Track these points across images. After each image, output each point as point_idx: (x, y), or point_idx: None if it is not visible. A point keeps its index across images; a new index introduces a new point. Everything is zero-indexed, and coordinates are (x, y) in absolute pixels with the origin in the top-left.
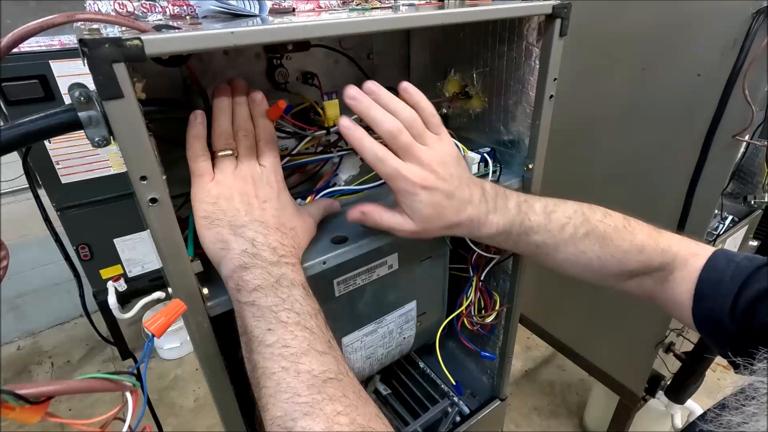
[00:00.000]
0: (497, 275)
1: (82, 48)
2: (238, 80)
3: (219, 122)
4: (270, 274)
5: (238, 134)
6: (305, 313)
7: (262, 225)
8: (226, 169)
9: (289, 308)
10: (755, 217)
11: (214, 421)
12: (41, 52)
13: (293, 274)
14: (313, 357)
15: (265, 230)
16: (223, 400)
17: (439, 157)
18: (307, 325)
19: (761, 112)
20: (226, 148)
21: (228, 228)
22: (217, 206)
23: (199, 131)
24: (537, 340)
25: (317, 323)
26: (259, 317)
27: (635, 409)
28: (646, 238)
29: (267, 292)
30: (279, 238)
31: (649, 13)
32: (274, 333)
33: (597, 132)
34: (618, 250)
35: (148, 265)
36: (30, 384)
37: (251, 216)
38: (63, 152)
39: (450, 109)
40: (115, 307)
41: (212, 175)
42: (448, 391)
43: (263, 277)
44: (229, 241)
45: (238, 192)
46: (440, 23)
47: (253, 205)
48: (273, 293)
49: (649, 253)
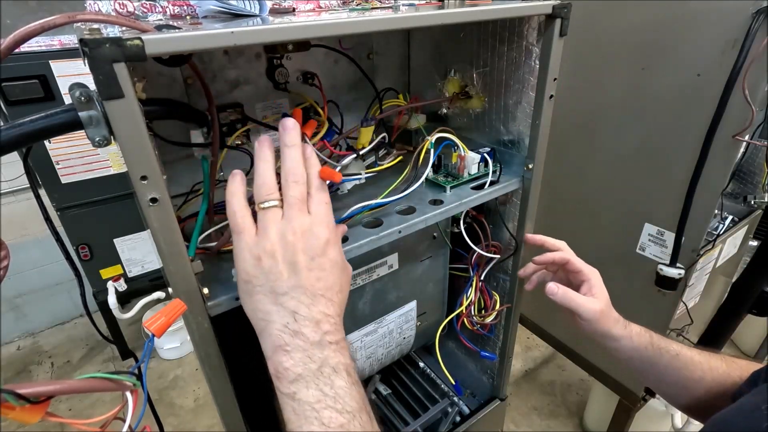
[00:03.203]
0: (497, 275)
1: (83, 48)
2: (288, 120)
3: (261, 171)
4: (311, 360)
5: (287, 181)
6: (349, 413)
7: (306, 293)
8: (270, 222)
9: (332, 406)
10: (755, 217)
11: (214, 421)
12: (41, 52)
13: (336, 357)
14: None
15: (309, 299)
16: (223, 400)
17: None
18: (351, 430)
19: (761, 112)
20: (269, 198)
21: (270, 296)
22: (259, 267)
23: (237, 187)
24: (537, 340)
25: (361, 423)
26: (299, 415)
27: (635, 409)
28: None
29: (308, 383)
30: (323, 308)
31: (649, 12)
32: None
33: (597, 132)
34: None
35: (148, 265)
36: (30, 384)
37: (295, 280)
38: (63, 152)
39: (450, 109)
40: (115, 306)
41: (254, 230)
42: (448, 391)
43: (304, 363)
44: (270, 312)
45: (282, 248)
46: (440, 23)
47: (298, 265)
48: (315, 385)
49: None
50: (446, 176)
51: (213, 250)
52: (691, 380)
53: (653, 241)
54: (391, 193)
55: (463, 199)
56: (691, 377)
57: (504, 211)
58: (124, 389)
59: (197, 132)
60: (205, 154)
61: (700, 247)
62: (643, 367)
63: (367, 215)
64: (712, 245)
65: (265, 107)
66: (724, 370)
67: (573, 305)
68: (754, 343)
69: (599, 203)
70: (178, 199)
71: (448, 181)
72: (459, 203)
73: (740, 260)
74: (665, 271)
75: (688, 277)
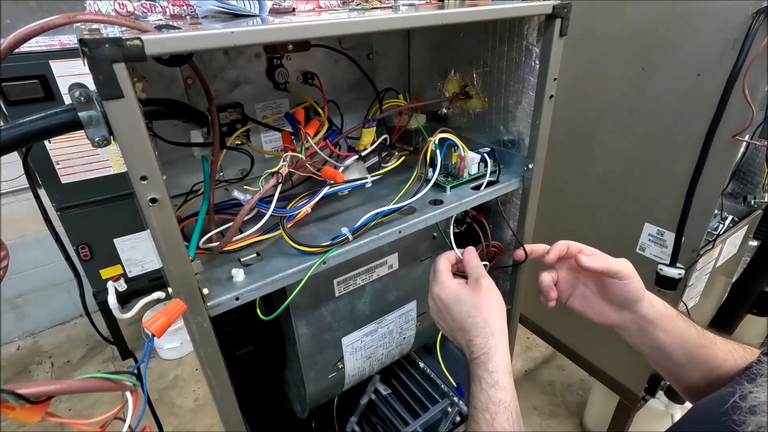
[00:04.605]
0: (497, 275)
1: (83, 48)
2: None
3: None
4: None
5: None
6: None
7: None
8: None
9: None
10: (755, 217)
11: (214, 421)
12: (41, 52)
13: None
14: None
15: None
16: (223, 400)
17: None
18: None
19: (761, 112)
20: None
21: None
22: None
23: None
24: (537, 340)
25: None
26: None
27: (635, 409)
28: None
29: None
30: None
31: (649, 12)
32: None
33: (597, 132)
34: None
35: (148, 265)
36: (30, 384)
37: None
38: (63, 152)
39: (450, 109)
40: (115, 307)
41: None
42: (448, 391)
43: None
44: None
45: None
46: (440, 23)
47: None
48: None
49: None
50: (446, 176)
51: (214, 251)
52: (714, 363)
53: (653, 241)
54: (401, 198)
55: (463, 199)
56: (715, 359)
57: (504, 211)
58: (124, 389)
59: (197, 132)
60: (205, 154)
61: (700, 247)
62: (674, 343)
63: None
64: (712, 245)
65: (265, 107)
66: (741, 354)
67: (609, 264)
68: (754, 343)
69: (599, 203)
70: (178, 199)
71: (448, 181)
72: (459, 203)
73: (740, 260)
74: (665, 271)
75: (688, 277)
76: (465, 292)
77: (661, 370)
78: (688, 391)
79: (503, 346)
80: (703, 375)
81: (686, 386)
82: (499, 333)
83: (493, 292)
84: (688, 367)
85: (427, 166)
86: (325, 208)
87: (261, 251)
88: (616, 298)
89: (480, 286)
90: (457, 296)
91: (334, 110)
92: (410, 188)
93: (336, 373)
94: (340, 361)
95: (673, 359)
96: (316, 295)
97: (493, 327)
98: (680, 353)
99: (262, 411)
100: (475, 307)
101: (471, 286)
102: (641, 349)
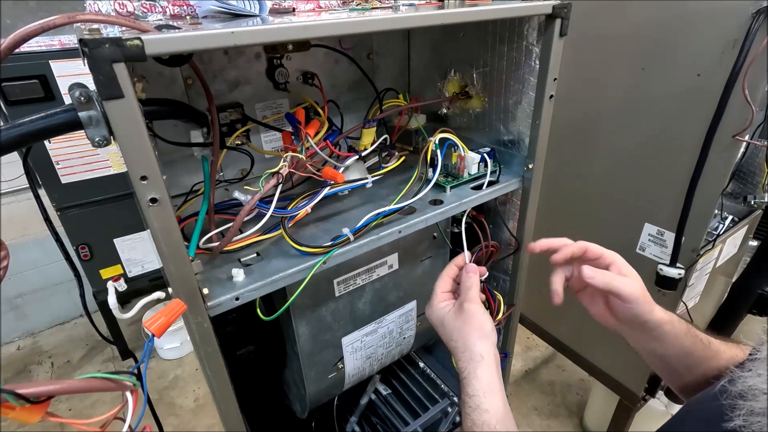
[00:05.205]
0: (497, 275)
1: (83, 48)
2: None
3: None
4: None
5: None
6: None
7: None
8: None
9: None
10: (755, 217)
11: (214, 421)
12: (41, 52)
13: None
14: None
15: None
16: (223, 400)
17: None
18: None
19: (761, 112)
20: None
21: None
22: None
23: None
24: (537, 340)
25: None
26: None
27: (635, 409)
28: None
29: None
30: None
31: (649, 12)
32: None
33: (597, 132)
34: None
35: (148, 265)
36: (30, 384)
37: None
38: (63, 152)
39: (450, 109)
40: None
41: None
42: (448, 391)
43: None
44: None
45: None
46: (440, 23)
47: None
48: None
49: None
50: (446, 176)
51: (215, 251)
52: (716, 372)
53: (653, 241)
54: (402, 198)
55: (463, 199)
56: (717, 370)
57: (504, 211)
58: (124, 389)
59: (197, 132)
60: (205, 154)
61: (700, 247)
62: (678, 356)
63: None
64: (712, 245)
65: (265, 107)
66: (742, 358)
67: (613, 286)
68: (754, 343)
69: (599, 203)
70: (178, 199)
71: (448, 181)
72: (459, 203)
73: (740, 260)
74: (665, 271)
75: (688, 277)
76: (449, 316)
77: (658, 373)
78: (684, 391)
79: (482, 370)
80: (702, 379)
81: (682, 386)
82: (478, 357)
83: (475, 315)
84: (686, 375)
85: (427, 166)
86: (325, 209)
87: (261, 251)
88: (619, 315)
89: (463, 310)
90: (441, 320)
91: (334, 110)
92: (411, 188)
93: (336, 373)
94: (340, 361)
95: (672, 367)
96: (316, 295)
97: (473, 351)
98: (681, 365)
99: (262, 411)
100: (457, 330)
101: (455, 310)
102: (639, 352)
